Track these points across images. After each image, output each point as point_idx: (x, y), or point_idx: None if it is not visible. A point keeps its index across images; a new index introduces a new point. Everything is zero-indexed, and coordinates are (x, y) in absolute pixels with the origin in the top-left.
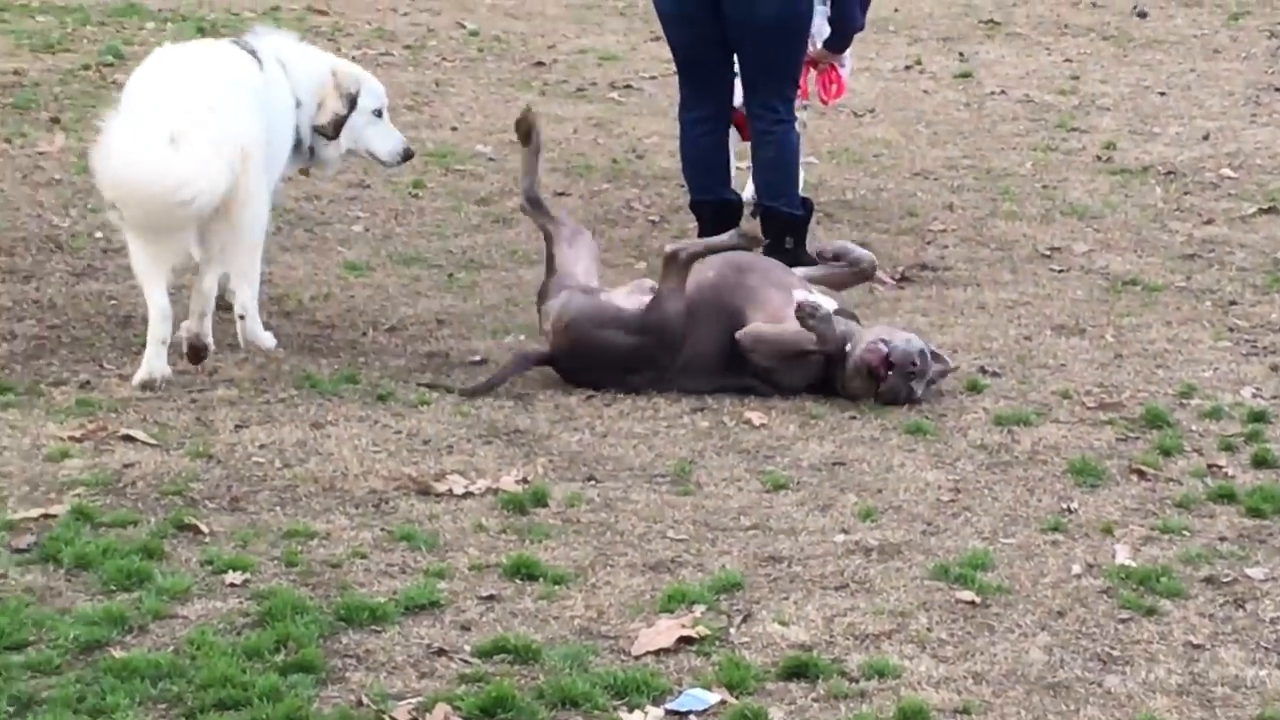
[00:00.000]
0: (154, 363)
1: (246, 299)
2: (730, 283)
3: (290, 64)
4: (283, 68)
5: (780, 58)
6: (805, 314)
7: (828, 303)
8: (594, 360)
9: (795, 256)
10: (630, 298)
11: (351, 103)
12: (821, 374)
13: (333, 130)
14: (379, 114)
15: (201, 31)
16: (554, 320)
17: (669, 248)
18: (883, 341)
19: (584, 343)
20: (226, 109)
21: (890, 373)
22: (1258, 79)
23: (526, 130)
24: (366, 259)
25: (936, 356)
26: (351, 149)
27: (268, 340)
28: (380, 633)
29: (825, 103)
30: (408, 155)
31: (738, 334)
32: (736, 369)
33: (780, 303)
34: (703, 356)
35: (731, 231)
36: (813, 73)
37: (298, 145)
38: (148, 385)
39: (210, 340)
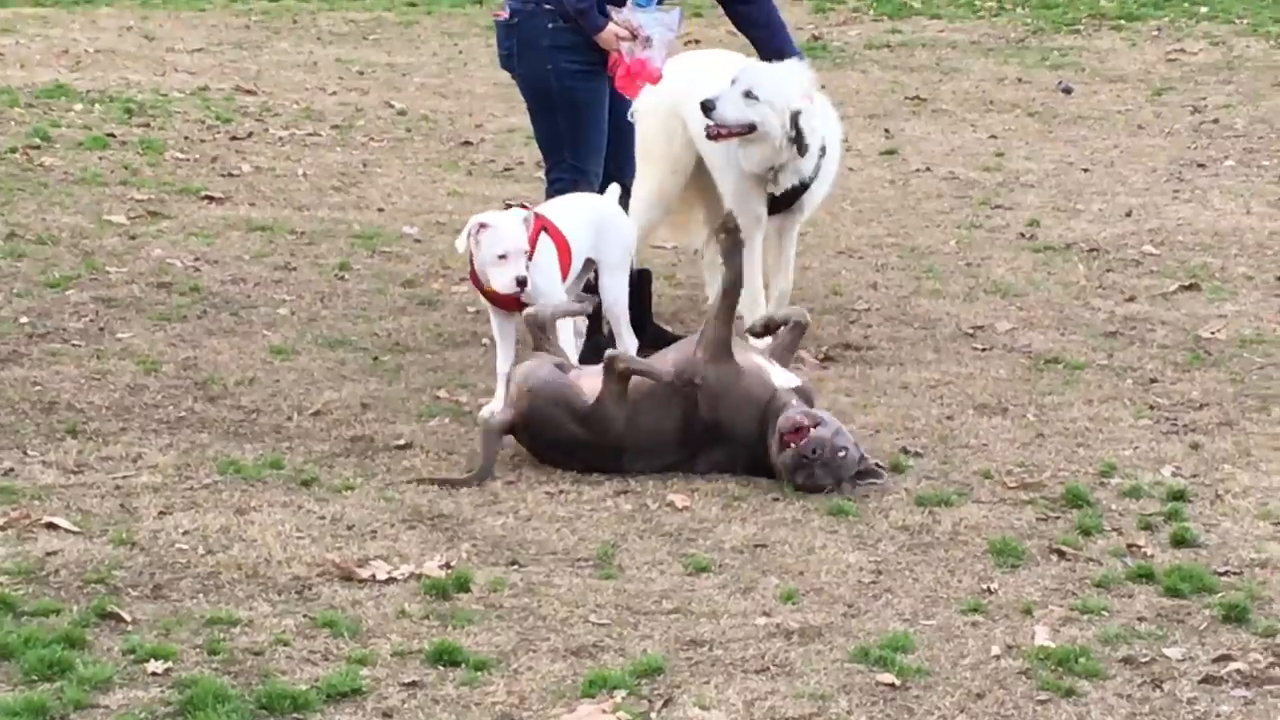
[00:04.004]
0: None
1: None
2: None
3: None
4: None
5: (533, 126)
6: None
7: (789, 380)
8: (545, 436)
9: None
10: (594, 381)
11: None
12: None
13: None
14: None
15: (129, 114)
16: (517, 384)
17: (609, 353)
18: (816, 421)
19: (538, 416)
20: None
21: (792, 445)
22: (1180, 155)
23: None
24: (292, 342)
25: (867, 471)
26: None
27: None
28: None
29: (627, 94)
30: None
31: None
32: (692, 445)
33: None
34: (662, 443)
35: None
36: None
37: None
38: None
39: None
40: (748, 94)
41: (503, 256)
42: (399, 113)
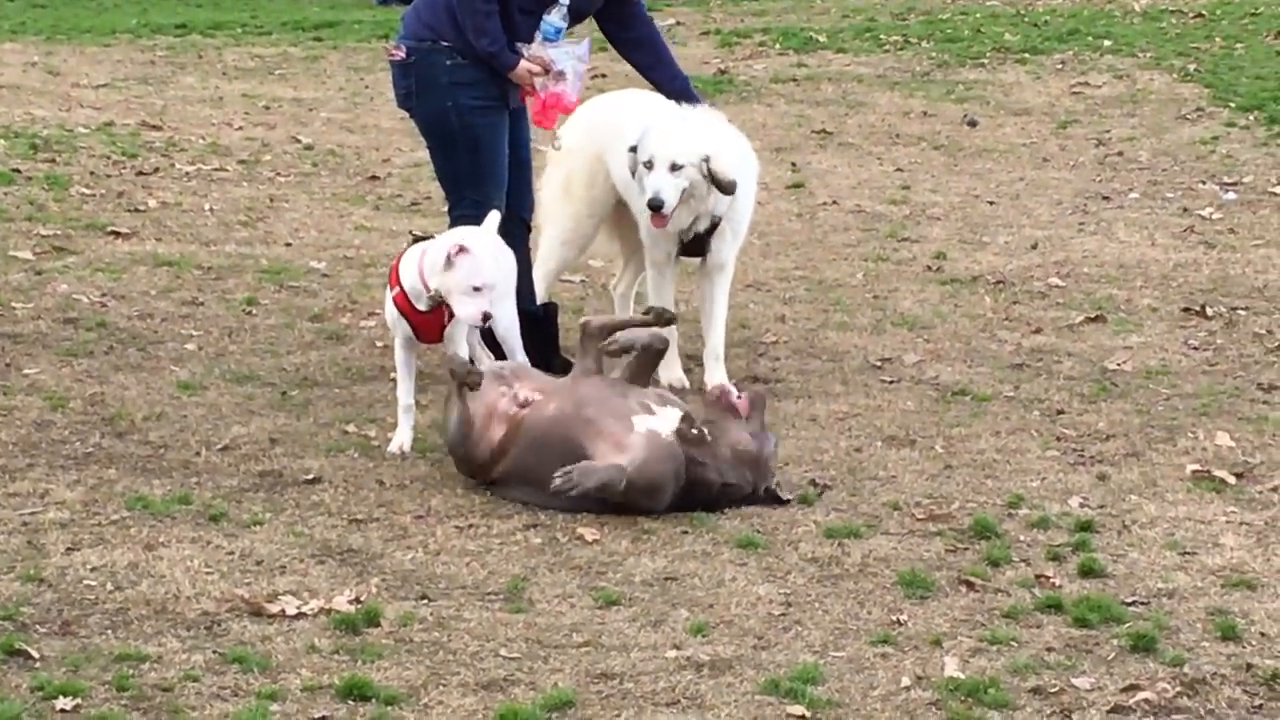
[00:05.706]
0: None
1: None
2: (569, 417)
3: None
4: None
5: (434, 163)
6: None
7: (672, 412)
8: None
9: None
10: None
11: None
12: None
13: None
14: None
15: (35, 149)
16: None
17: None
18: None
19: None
20: None
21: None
22: (1085, 187)
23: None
24: (199, 378)
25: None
26: None
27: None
28: None
29: (544, 126)
30: None
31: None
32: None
33: (620, 431)
34: (542, 481)
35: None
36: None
37: None
38: None
39: None
40: (674, 166)
41: (478, 289)
42: (306, 147)
